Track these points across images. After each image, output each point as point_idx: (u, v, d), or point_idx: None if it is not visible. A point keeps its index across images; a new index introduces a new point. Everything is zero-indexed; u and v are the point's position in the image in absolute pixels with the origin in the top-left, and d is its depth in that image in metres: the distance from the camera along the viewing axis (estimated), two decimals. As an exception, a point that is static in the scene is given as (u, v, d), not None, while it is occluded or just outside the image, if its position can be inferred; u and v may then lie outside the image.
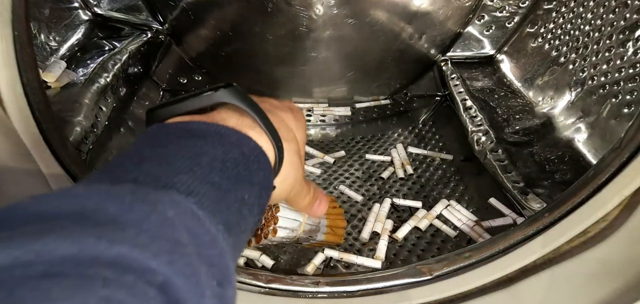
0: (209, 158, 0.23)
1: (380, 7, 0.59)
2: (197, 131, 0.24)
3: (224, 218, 0.21)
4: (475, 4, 0.63)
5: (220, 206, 0.21)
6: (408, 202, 0.54)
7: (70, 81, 0.52)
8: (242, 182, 0.23)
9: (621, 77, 0.50)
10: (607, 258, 0.31)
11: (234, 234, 0.22)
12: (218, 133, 0.25)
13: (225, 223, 0.21)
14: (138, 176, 0.20)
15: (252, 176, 0.24)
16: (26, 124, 0.30)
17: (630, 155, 0.30)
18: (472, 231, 0.48)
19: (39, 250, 0.14)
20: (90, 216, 0.16)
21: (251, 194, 0.24)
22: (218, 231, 0.20)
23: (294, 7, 0.58)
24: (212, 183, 0.22)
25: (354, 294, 0.36)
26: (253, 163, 0.25)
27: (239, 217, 0.23)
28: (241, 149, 0.24)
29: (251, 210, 0.24)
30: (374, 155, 0.64)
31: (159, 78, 0.72)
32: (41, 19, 0.56)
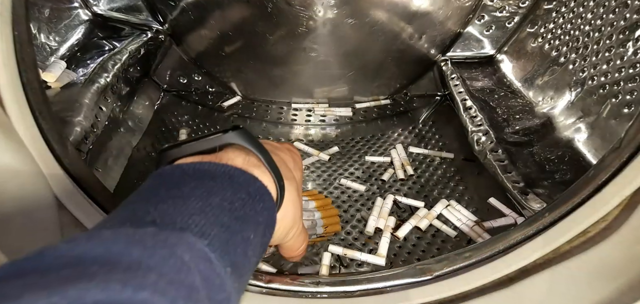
0: (219, 199, 0.23)
1: (380, 7, 0.59)
2: (208, 172, 0.26)
3: (231, 259, 0.22)
4: (475, 4, 0.63)
5: (229, 247, 0.22)
6: (410, 201, 0.54)
7: (70, 81, 0.52)
8: (248, 222, 0.24)
9: (621, 77, 0.50)
10: (607, 258, 0.31)
11: (240, 275, 0.23)
12: (227, 174, 0.26)
13: (232, 265, 0.22)
14: (156, 218, 0.21)
15: (258, 216, 0.25)
16: (26, 124, 0.30)
17: (630, 155, 0.30)
18: (471, 231, 0.48)
19: (73, 296, 0.14)
20: (116, 261, 0.17)
21: (256, 233, 0.25)
22: (226, 273, 0.21)
23: (294, 7, 0.58)
24: (222, 224, 0.22)
25: (354, 294, 0.36)
26: (258, 202, 0.26)
27: (244, 258, 0.23)
28: (248, 189, 0.25)
29: (255, 250, 0.25)
30: (374, 157, 0.64)
31: (159, 78, 0.72)
32: (41, 19, 0.56)
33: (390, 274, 0.37)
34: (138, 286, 0.16)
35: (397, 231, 0.49)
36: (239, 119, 0.71)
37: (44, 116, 0.31)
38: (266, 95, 0.73)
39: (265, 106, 0.73)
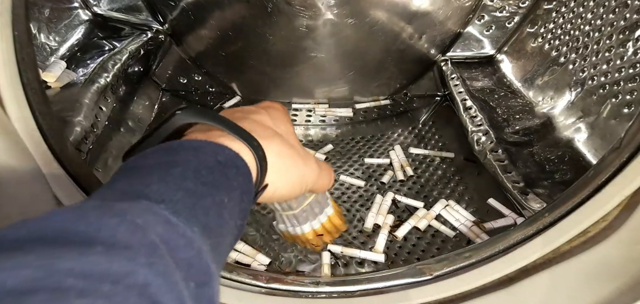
0: (181, 168, 0.23)
1: (380, 7, 0.59)
2: (168, 148, 0.25)
3: (201, 221, 0.22)
4: (475, 4, 0.63)
5: (196, 211, 0.22)
6: (410, 201, 0.54)
7: (70, 81, 0.52)
8: (219, 187, 0.24)
9: (621, 77, 0.50)
10: (607, 258, 0.31)
11: (215, 236, 0.22)
12: (191, 146, 0.25)
13: (204, 226, 0.22)
14: (106, 197, 0.21)
15: (231, 181, 0.25)
16: (26, 124, 0.30)
17: (630, 155, 0.30)
18: (469, 231, 0.48)
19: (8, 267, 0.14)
20: (55, 237, 0.16)
21: (231, 197, 0.24)
22: (194, 233, 0.20)
23: (294, 7, 0.58)
24: (186, 190, 0.22)
25: (354, 294, 0.36)
26: (230, 169, 0.25)
27: (219, 220, 0.23)
28: (216, 158, 0.25)
29: (232, 213, 0.25)
30: (373, 159, 0.64)
31: (159, 78, 0.72)
32: (41, 19, 0.56)
33: (390, 274, 0.37)
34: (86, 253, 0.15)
35: (396, 231, 0.49)
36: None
37: (44, 116, 0.31)
38: (266, 95, 0.74)
39: (265, 106, 0.73)
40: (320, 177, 0.34)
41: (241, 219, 0.26)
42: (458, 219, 0.50)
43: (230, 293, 0.35)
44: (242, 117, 0.30)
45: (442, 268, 0.36)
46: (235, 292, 0.35)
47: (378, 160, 0.63)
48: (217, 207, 0.23)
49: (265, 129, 0.30)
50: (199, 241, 0.20)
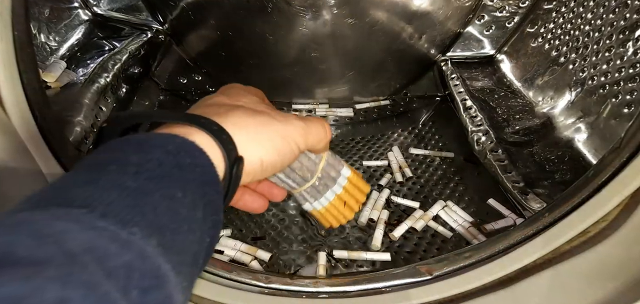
0: (117, 165, 0.21)
1: (380, 7, 0.59)
2: (108, 147, 0.23)
3: (146, 220, 0.19)
4: (475, 4, 0.63)
5: (138, 209, 0.19)
6: (406, 202, 0.55)
7: (70, 81, 0.52)
8: (171, 181, 0.22)
9: (621, 77, 0.50)
10: (607, 258, 0.31)
11: (170, 234, 0.20)
12: (135, 140, 0.23)
13: (150, 224, 0.19)
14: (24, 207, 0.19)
15: (185, 173, 0.22)
16: (26, 124, 0.30)
17: (630, 155, 0.30)
18: (467, 232, 0.48)
19: None
20: None
21: (188, 190, 0.22)
22: (132, 234, 0.18)
23: (294, 7, 0.58)
24: (124, 188, 0.20)
25: (354, 294, 0.36)
26: (184, 159, 0.23)
27: (174, 216, 0.21)
28: (165, 149, 0.23)
29: (193, 206, 0.22)
30: (371, 161, 0.63)
31: (159, 78, 0.72)
32: (41, 19, 0.56)
33: (390, 274, 0.37)
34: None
35: (393, 231, 0.49)
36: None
37: (44, 116, 0.31)
38: (266, 95, 0.73)
39: (265, 106, 0.73)
40: (310, 131, 0.31)
41: (213, 213, 0.24)
42: (456, 220, 0.51)
43: (230, 293, 0.35)
44: (195, 108, 0.28)
45: (442, 268, 0.36)
46: (236, 292, 0.35)
47: (376, 162, 0.63)
48: (168, 202, 0.21)
49: (221, 107, 0.28)
50: (141, 242, 0.18)
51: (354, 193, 0.40)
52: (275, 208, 0.54)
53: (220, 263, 0.37)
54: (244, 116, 0.27)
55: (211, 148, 0.25)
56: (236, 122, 0.27)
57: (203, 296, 0.34)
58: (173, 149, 0.23)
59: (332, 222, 0.40)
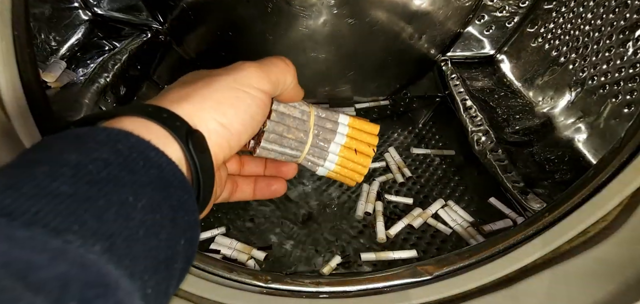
0: (49, 166, 0.18)
1: (380, 7, 0.59)
2: (42, 144, 0.20)
3: (89, 227, 0.17)
4: (475, 4, 0.63)
5: (74, 217, 0.17)
6: (400, 199, 0.55)
7: (70, 81, 0.52)
8: (119, 185, 0.19)
9: (621, 77, 0.50)
10: (607, 258, 0.31)
11: (121, 240, 0.18)
12: (74, 136, 0.20)
13: (92, 232, 0.17)
14: None
15: (138, 175, 0.20)
16: (26, 124, 0.30)
17: (630, 155, 0.30)
18: (465, 231, 0.48)
19: None
20: None
21: (140, 194, 0.19)
22: (67, 243, 0.16)
23: (294, 7, 0.58)
24: (56, 194, 0.17)
25: (354, 294, 0.36)
26: (136, 161, 0.20)
27: (125, 222, 0.18)
28: (114, 148, 0.20)
29: (153, 210, 0.20)
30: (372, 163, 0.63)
31: (159, 78, 0.72)
32: (41, 19, 0.56)
33: (390, 274, 0.37)
34: None
35: (389, 229, 0.50)
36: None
37: (44, 116, 0.31)
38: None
39: (265, 106, 0.73)
40: (266, 67, 0.28)
41: (185, 213, 0.21)
42: (454, 219, 0.50)
43: (230, 293, 0.35)
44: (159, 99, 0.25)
45: (442, 268, 0.36)
46: (235, 292, 0.35)
47: (373, 164, 0.63)
48: (117, 208, 0.18)
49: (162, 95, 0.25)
50: (80, 250, 0.16)
51: (362, 138, 0.37)
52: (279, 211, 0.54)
53: (220, 263, 0.37)
54: (183, 87, 0.25)
55: (168, 143, 0.22)
56: (174, 99, 0.24)
57: (203, 296, 0.34)
58: (124, 148, 0.20)
59: (354, 178, 0.37)
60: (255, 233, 0.50)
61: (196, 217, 0.22)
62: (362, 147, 0.36)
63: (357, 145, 0.36)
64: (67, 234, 0.16)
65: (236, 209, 0.53)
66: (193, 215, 0.22)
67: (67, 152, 0.19)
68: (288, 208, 0.54)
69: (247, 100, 0.26)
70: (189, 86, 0.25)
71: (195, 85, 0.25)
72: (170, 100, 0.24)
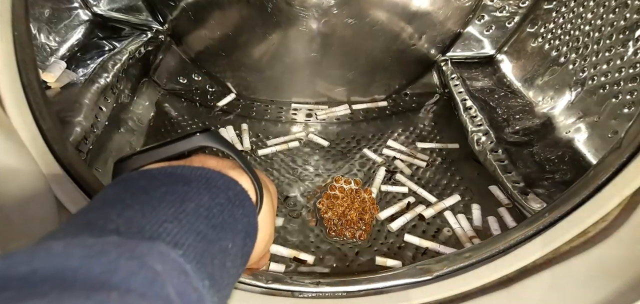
0: (194, 205, 0.21)
1: (380, 7, 0.59)
2: (181, 176, 0.22)
3: (208, 271, 0.19)
4: (475, 4, 0.63)
5: (205, 258, 0.19)
6: (396, 189, 0.57)
7: (70, 81, 0.52)
8: (226, 230, 0.21)
9: (621, 77, 0.50)
10: (607, 257, 0.31)
11: (217, 289, 0.20)
12: (204, 177, 0.23)
13: (210, 277, 0.19)
14: (120, 226, 0.18)
15: (237, 223, 0.22)
16: (26, 125, 0.30)
17: (630, 155, 0.30)
18: (464, 235, 0.49)
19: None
20: (73, 278, 0.14)
21: (235, 242, 0.22)
22: (204, 287, 0.18)
23: (294, 7, 0.58)
24: (198, 232, 0.20)
25: (354, 294, 0.36)
26: (238, 208, 0.23)
27: (222, 270, 0.21)
28: (227, 194, 0.23)
29: (234, 261, 0.22)
30: (371, 152, 0.64)
31: (159, 78, 0.72)
32: (41, 19, 0.56)
33: (390, 274, 0.37)
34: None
35: (391, 222, 0.50)
36: (238, 118, 0.71)
37: (44, 116, 0.31)
38: (266, 95, 0.73)
39: (265, 106, 0.73)
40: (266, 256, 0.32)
41: (241, 268, 0.23)
42: (458, 222, 0.51)
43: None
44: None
45: (442, 268, 0.36)
46: (235, 292, 0.35)
47: (375, 155, 0.64)
48: (222, 255, 0.21)
49: (264, 178, 0.28)
50: (208, 297, 0.18)
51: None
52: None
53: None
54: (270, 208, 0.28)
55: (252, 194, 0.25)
56: (266, 209, 0.27)
57: (203, 296, 0.34)
58: (232, 196, 0.23)
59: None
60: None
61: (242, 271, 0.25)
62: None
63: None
64: (204, 278, 0.19)
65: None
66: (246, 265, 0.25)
67: (202, 193, 0.22)
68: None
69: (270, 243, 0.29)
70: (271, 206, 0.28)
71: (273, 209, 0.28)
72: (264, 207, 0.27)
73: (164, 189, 0.21)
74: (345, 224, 0.49)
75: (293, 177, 0.60)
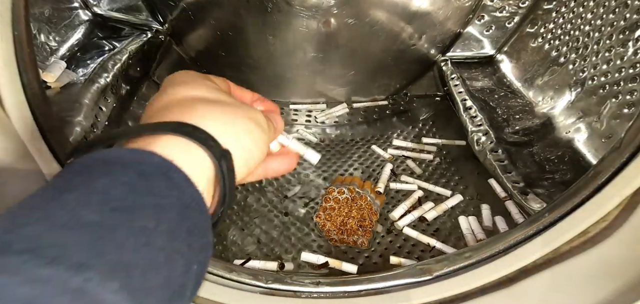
0: (78, 193, 0.18)
1: (380, 7, 0.59)
2: (71, 168, 0.20)
3: (108, 260, 0.17)
4: (475, 4, 0.63)
5: (96, 249, 0.17)
6: (404, 186, 0.57)
7: (70, 81, 0.52)
8: (141, 210, 0.19)
9: (621, 77, 0.50)
10: (607, 258, 0.31)
11: (139, 272, 0.17)
12: (103, 159, 0.20)
13: (111, 266, 0.17)
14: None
15: (160, 199, 0.19)
16: (26, 124, 0.30)
17: (630, 155, 0.30)
18: (470, 234, 0.49)
19: None
20: None
21: (161, 219, 0.19)
22: (88, 281, 0.16)
23: (294, 7, 0.58)
24: (83, 224, 0.17)
25: (354, 294, 0.36)
26: (158, 181, 0.20)
27: (145, 251, 0.18)
28: (138, 169, 0.20)
29: (172, 236, 0.19)
30: (378, 148, 0.64)
31: (159, 78, 0.72)
32: (41, 19, 0.56)
33: (390, 274, 0.37)
34: None
35: (399, 220, 0.51)
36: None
37: (44, 116, 0.31)
38: (266, 95, 0.73)
39: (265, 106, 0.73)
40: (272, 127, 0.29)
41: (200, 235, 0.21)
42: (469, 227, 0.51)
43: (231, 293, 0.35)
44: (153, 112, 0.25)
45: (442, 268, 0.36)
46: (235, 292, 0.35)
47: (382, 151, 0.64)
48: (137, 236, 0.18)
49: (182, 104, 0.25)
50: (97, 289, 0.16)
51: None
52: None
53: (220, 263, 0.37)
54: (211, 107, 0.25)
55: (189, 156, 0.22)
56: (204, 115, 0.24)
57: (203, 296, 0.34)
58: (148, 170, 0.20)
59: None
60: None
61: (210, 239, 0.22)
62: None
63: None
64: (88, 271, 0.16)
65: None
66: (207, 237, 0.22)
67: (98, 178, 0.19)
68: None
69: (261, 134, 0.27)
70: (216, 105, 0.25)
71: (216, 107, 0.25)
72: (202, 116, 0.24)
73: (44, 188, 0.18)
74: (346, 233, 0.49)
75: (293, 177, 0.60)
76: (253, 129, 0.26)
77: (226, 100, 0.26)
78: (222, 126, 0.24)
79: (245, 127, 0.25)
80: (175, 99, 0.25)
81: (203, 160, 0.23)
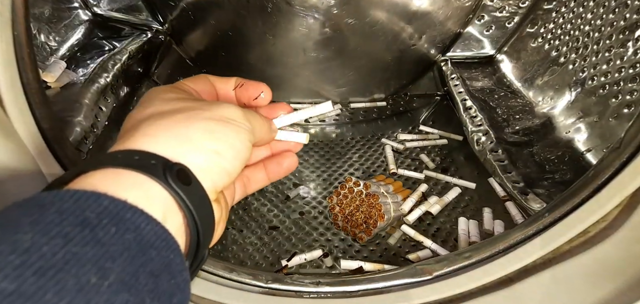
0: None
1: (380, 7, 0.59)
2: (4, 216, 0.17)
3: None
4: (475, 4, 0.63)
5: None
6: (409, 173, 0.59)
7: (70, 81, 0.52)
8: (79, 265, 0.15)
9: (621, 77, 0.50)
10: (607, 258, 0.31)
11: None
12: (40, 206, 0.17)
13: None
14: None
15: (107, 247, 0.17)
16: (26, 124, 0.30)
17: (630, 155, 0.30)
18: (465, 237, 0.49)
19: None
20: None
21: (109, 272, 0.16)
22: None
23: (294, 7, 0.58)
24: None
25: (354, 294, 0.36)
26: (106, 228, 0.17)
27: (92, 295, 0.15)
28: (81, 216, 0.17)
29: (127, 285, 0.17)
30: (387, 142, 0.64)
31: (159, 78, 0.72)
32: (41, 19, 0.56)
33: (390, 274, 0.37)
34: None
35: (407, 215, 0.52)
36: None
37: (44, 116, 0.31)
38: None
39: (265, 106, 0.73)
40: (249, 114, 0.26)
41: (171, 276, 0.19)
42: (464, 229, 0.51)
43: (230, 293, 0.35)
44: (124, 133, 0.23)
45: (442, 268, 0.36)
46: (235, 292, 0.35)
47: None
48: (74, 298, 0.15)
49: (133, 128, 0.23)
50: None
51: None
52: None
53: (220, 263, 0.37)
54: (162, 122, 0.22)
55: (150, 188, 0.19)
56: (148, 133, 0.22)
57: (203, 296, 0.34)
58: (92, 216, 0.17)
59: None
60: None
61: (185, 276, 0.20)
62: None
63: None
64: None
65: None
66: (181, 275, 0.20)
67: (21, 232, 0.15)
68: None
69: (231, 130, 0.24)
70: (165, 118, 0.23)
71: (167, 120, 0.23)
72: (144, 134, 0.22)
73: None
74: (351, 223, 0.50)
75: (293, 178, 0.60)
76: (215, 128, 0.23)
77: (182, 107, 0.24)
78: (174, 139, 0.22)
79: (204, 129, 0.23)
80: (137, 119, 0.24)
81: (151, 184, 0.20)
